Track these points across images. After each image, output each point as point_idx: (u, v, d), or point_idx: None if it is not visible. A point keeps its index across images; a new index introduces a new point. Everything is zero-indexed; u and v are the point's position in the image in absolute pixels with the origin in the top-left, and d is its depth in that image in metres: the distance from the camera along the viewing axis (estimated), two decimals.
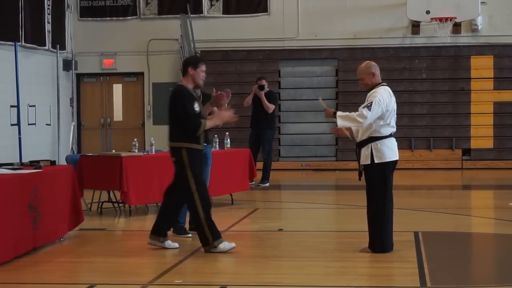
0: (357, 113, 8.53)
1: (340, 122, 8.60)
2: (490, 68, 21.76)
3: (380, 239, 8.70)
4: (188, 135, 8.91)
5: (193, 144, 8.92)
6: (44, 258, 8.77)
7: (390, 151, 8.67)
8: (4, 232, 8.08)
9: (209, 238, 8.89)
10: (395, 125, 8.77)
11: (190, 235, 9.95)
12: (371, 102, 8.51)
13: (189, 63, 9.12)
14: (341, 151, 21.53)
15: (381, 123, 8.65)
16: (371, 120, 8.53)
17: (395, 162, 8.76)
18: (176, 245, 9.18)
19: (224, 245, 8.90)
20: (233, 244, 8.97)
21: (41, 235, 8.98)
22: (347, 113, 8.64)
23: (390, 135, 8.72)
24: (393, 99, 8.76)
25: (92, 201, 12.73)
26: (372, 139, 8.65)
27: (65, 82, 21.96)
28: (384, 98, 8.60)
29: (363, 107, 8.53)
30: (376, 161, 8.61)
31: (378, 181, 8.66)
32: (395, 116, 8.79)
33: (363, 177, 8.82)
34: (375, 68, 8.79)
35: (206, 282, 7.61)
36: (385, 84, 8.83)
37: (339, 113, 8.63)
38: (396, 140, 8.85)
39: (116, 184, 11.82)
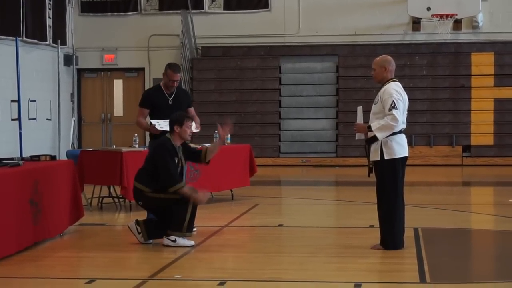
0: (390, 117, 8.41)
1: (380, 135, 8.47)
2: (490, 65, 21.77)
3: (392, 236, 8.62)
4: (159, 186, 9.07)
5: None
6: (45, 252, 8.79)
7: (400, 147, 8.58)
8: (5, 227, 8.10)
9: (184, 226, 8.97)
10: (405, 121, 8.67)
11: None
12: (393, 101, 8.45)
13: (175, 122, 9.16)
14: (341, 147, 21.53)
15: None
16: (402, 118, 8.51)
17: (405, 158, 8.66)
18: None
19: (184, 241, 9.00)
20: (192, 242, 9.05)
21: (41, 229, 8.99)
22: (380, 123, 8.46)
23: (400, 132, 8.61)
24: (405, 96, 8.73)
25: (92, 196, 12.75)
26: None
27: (66, 77, 21.98)
28: (399, 91, 8.58)
29: (389, 109, 8.43)
30: (386, 158, 8.53)
31: (389, 177, 8.57)
32: (406, 112, 8.75)
33: (372, 173, 8.71)
34: (389, 64, 8.77)
35: (206, 277, 7.61)
36: (396, 80, 8.78)
37: (373, 125, 8.49)
38: None
39: (117, 179, 11.85)
